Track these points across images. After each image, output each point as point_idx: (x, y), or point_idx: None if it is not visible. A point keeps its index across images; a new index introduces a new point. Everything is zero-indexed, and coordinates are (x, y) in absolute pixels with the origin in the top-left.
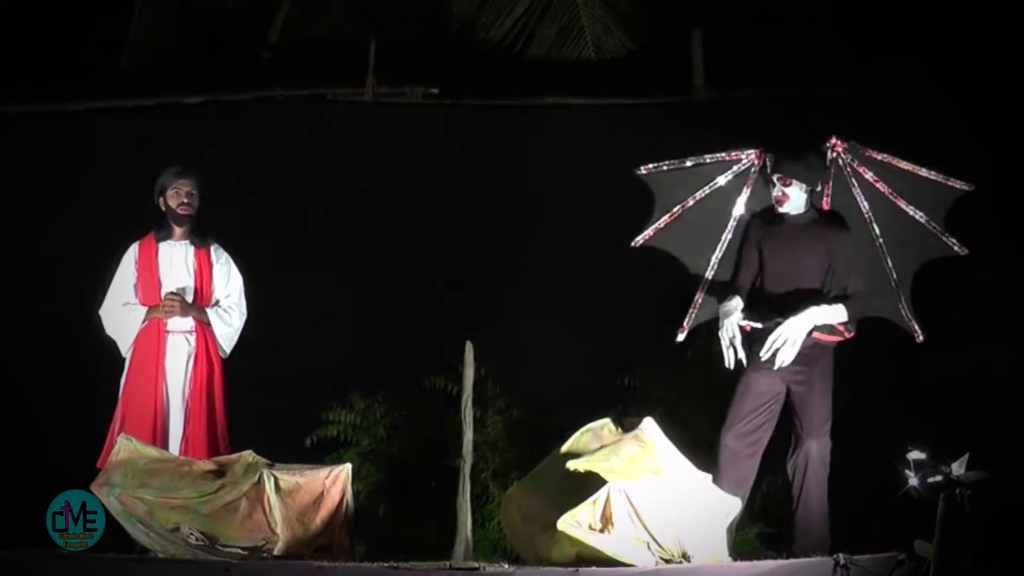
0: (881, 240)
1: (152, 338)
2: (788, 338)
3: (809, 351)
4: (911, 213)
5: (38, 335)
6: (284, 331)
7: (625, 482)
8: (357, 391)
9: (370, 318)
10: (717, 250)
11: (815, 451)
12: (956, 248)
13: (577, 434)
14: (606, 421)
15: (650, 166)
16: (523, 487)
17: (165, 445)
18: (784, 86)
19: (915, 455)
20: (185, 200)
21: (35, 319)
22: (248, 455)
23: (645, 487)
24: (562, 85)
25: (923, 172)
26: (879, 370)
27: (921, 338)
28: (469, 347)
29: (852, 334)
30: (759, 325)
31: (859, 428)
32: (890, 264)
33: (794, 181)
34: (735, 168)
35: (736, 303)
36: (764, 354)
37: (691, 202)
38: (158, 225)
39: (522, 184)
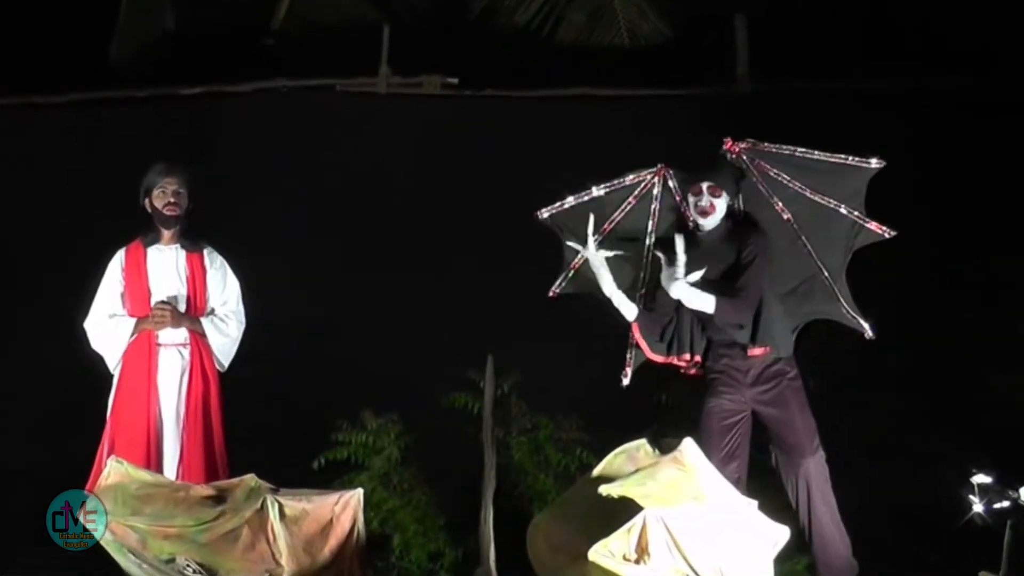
0: (803, 237)
1: (142, 352)
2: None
3: (769, 363)
4: (827, 204)
5: (17, 350)
6: (287, 342)
7: (663, 509)
8: (369, 409)
9: (383, 328)
10: (641, 285)
11: (813, 469)
12: (883, 232)
13: (610, 456)
14: (642, 442)
15: (551, 207)
16: (551, 514)
17: (159, 469)
18: (837, 78)
19: (980, 479)
20: (172, 200)
21: (14, 332)
22: (250, 479)
23: (684, 514)
24: (592, 74)
25: (828, 157)
26: (940, 387)
27: (871, 334)
28: (491, 361)
29: (765, 350)
30: (687, 358)
31: (918, 450)
32: (819, 262)
33: (724, 192)
34: (637, 191)
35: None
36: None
37: (598, 237)
38: (145, 228)
39: (549, 183)
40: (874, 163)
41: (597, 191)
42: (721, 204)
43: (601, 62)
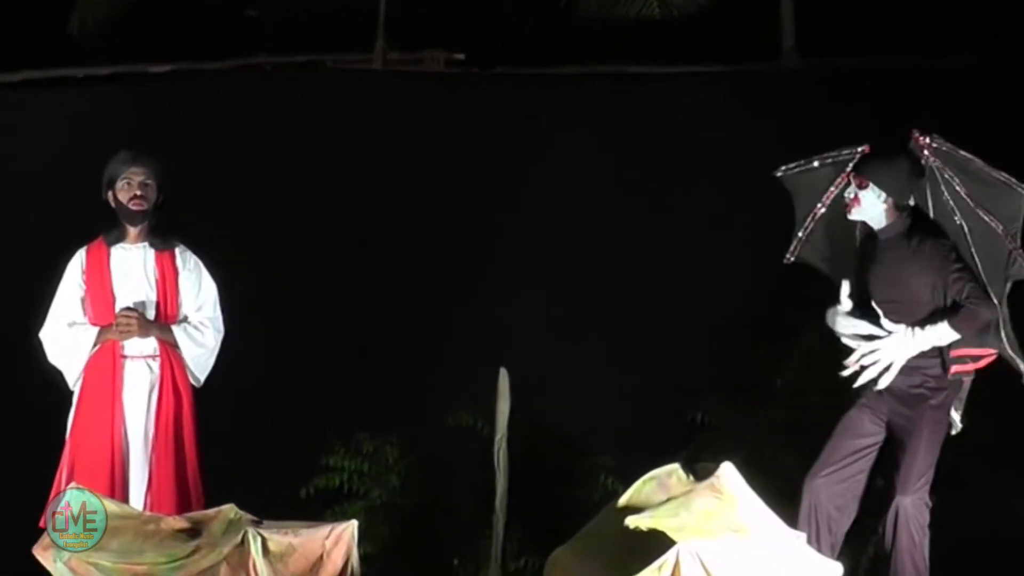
0: (977, 259)
1: (106, 365)
2: (883, 359)
3: (926, 388)
4: (991, 223)
5: None
6: (272, 353)
7: (698, 542)
8: (365, 430)
9: (380, 338)
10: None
11: (909, 511)
12: None
13: (639, 483)
14: (674, 467)
15: (787, 168)
16: (572, 549)
17: (125, 498)
18: (896, 53)
19: None
20: (138, 192)
21: None
22: (229, 510)
23: (723, 548)
24: (619, 50)
25: (993, 172)
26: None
27: None
28: (503, 374)
29: (993, 354)
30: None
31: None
32: (987, 283)
33: (871, 184)
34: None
35: (843, 305)
36: (848, 370)
37: (822, 208)
38: (108, 225)
39: (567, 172)
40: None
41: (817, 161)
42: (868, 197)
43: (628, 35)
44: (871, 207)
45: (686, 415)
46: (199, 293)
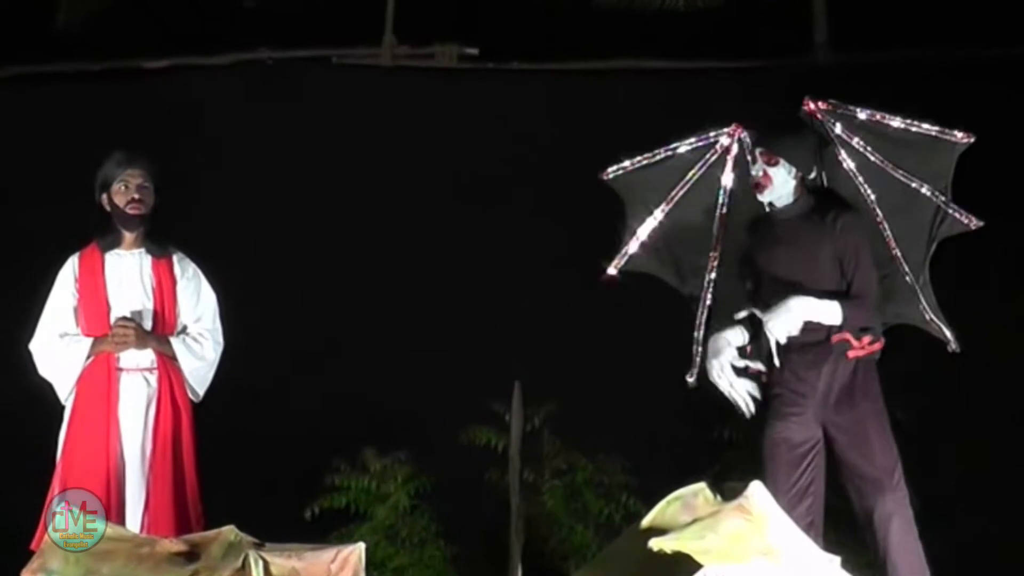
0: (885, 224)
1: (100, 378)
2: (774, 337)
3: (846, 377)
4: (910, 183)
5: None
6: (275, 366)
7: (725, 566)
8: (372, 447)
9: (390, 349)
10: (711, 262)
11: (893, 509)
12: (968, 222)
13: (663, 503)
14: (700, 487)
15: (617, 167)
16: (592, 572)
17: (120, 519)
18: (935, 46)
19: None
20: (136, 196)
21: None
22: (229, 532)
23: (752, 572)
24: (641, 44)
25: (912, 126)
26: None
27: (954, 346)
28: (518, 389)
29: (879, 343)
30: (760, 367)
31: None
32: (899, 254)
33: (781, 160)
34: (708, 155)
35: (728, 337)
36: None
37: (666, 206)
38: (102, 230)
39: (587, 173)
40: (960, 136)
41: (661, 153)
42: (779, 175)
43: (650, 29)
44: (782, 184)
45: (712, 431)
46: (198, 303)
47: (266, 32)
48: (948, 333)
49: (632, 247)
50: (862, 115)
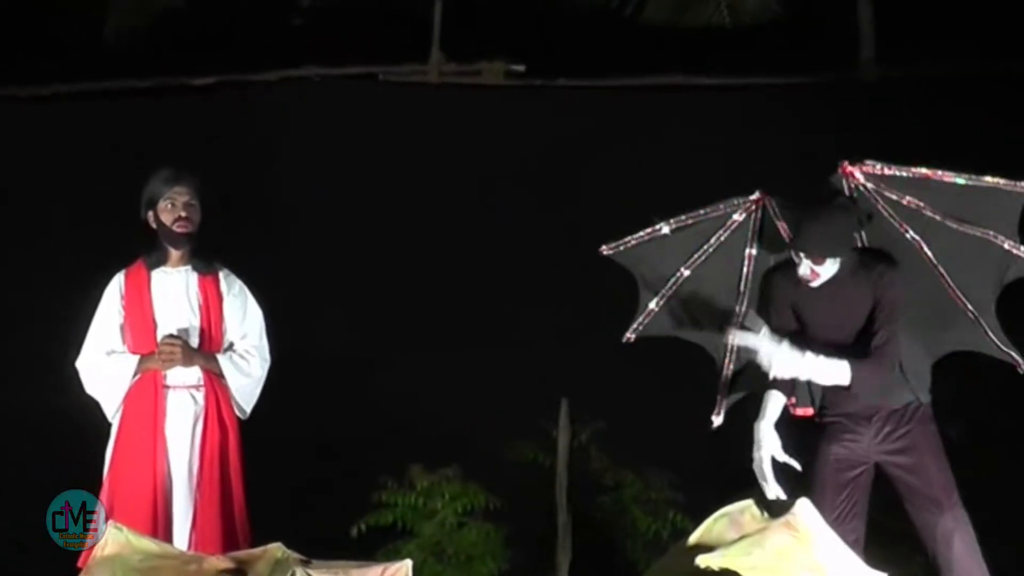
0: (940, 268)
1: (147, 396)
2: (772, 371)
3: (896, 409)
4: (970, 232)
5: None
6: (321, 383)
7: None
8: (419, 464)
9: (436, 367)
10: (736, 318)
11: (954, 528)
12: None
13: (710, 520)
14: (747, 504)
15: (613, 245)
16: None
17: (167, 536)
18: (982, 60)
19: None
20: (183, 214)
21: None
22: (276, 549)
23: None
24: (687, 60)
25: (971, 181)
26: None
27: None
28: (565, 406)
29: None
30: (811, 412)
31: None
32: (958, 291)
33: (827, 260)
34: (730, 224)
35: (769, 418)
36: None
37: (686, 272)
38: (148, 247)
39: (635, 188)
40: None
41: (668, 227)
42: (826, 268)
43: (697, 45)
44: (829, 271)
45: None
46: (244, 320)
47: (313, 49)
48: (1016, 355)
49: (647, 317)
50: (913, 174)
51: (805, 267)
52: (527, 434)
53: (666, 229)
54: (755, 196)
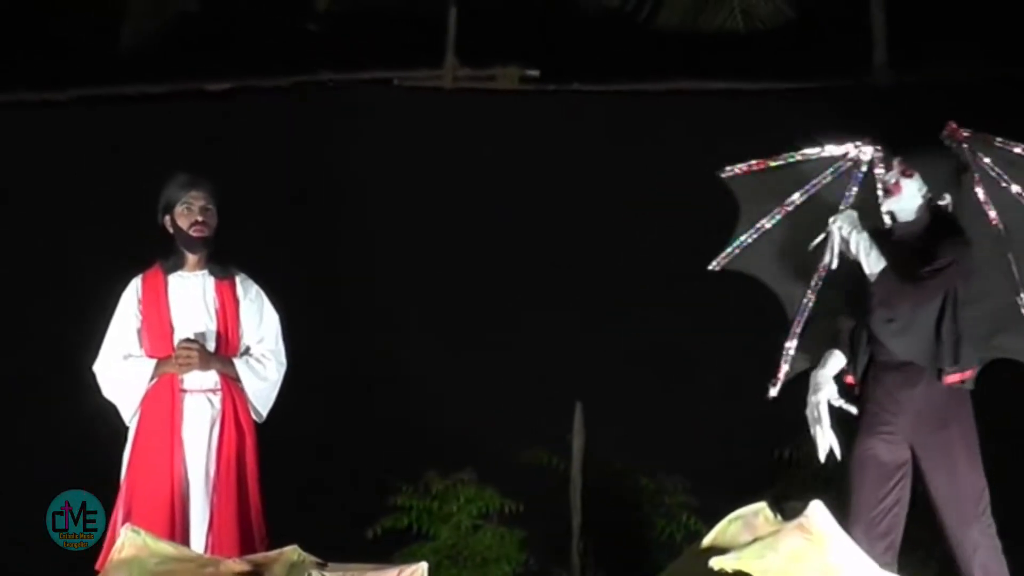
0: (1011, 254)
1: (164, 399)
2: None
3: (939, 399)
4: None
5: (11, 398)
6: (337, 386)
7: None
8: (434, 468)
9: (452, 371)
10: (819, 271)
11: (979, 540)
12: None
13: (723, 522)
14: (761, 506)
15: (736, 167)
16: None
17: (184, 540)
18: (1002, 65)
19: None
20: (199, 218)
21: (7, 376)
22: (292, 551)
23: None
24: (700, 64)
25: None
26: None
27: None
28: (579, 410)
29: (972, 370)
30: (854, 410)
31: None
32: (1021, 286)
33: (916, 175)
34: (839, 165)
35: (829, 369)
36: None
37: (782, 211)
38: (165, 252)
39: (648, 194)
40: None
41: (785, 159)
42: (910, 187)
43: (710, 50)
44: (910, 198)
45: (773, 451)
46: (261, 324)
47: (328, 55)
48: None
49: (740, 246)
50: (1013, 148)
51: (893, 175)
52: (542, 438)
53: (782, 160)
54: (862, 143)
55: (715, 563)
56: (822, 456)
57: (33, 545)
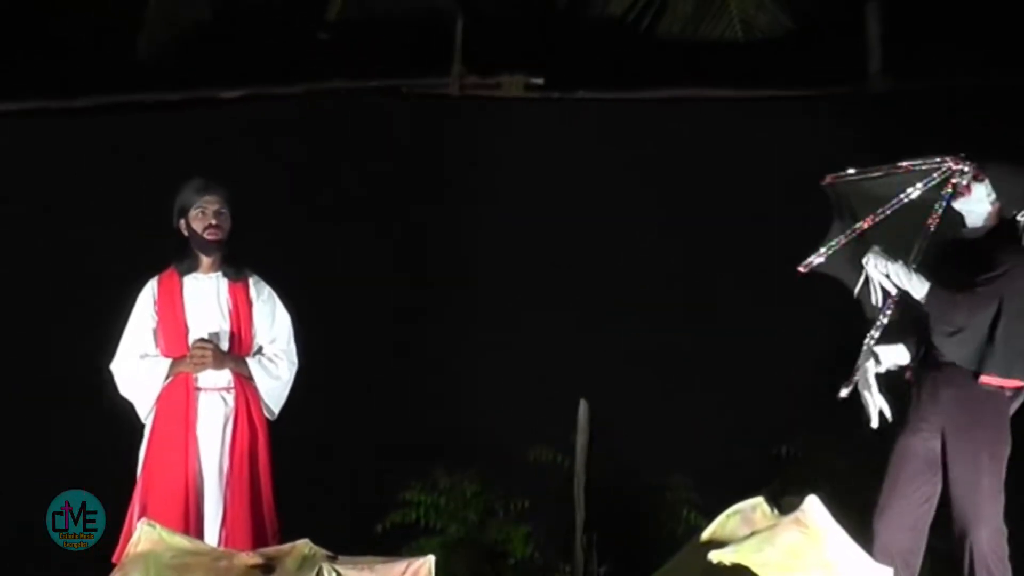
0: None
1: (179, 398)
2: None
3: (977, 402)
4: None
5: (32, 395)
6: (347, 386)
7: None
8: (441, 464)
9: (457, 370)
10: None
11: (984, 543)
12: None
13: (722, 517)
14: (759, 501)
15: (838, 175)
16: None
17: (198, 533)
18: (996, 72)
19: None
20: (213, 222)
21: (28, 375)
22: (303, 545)
23: None
24: (701, 73)
25: None
26: None
27: None
28: (584, 407)
29: (1017, 381)
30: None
31: None
32: None
33: (986, 180)
34: (931, 179)
35: (889, 351)
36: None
37: (872, 220)
38: (180, 255)
39: (652, 199)
40: None
41: (881, 171)
42: (979, 191)
43: (711, 58)
44: (978, 202)
45: (771, 448)
46: (273, 324)
47: (338, 63)
48: None
49: (831, 250)
50: None
51: (965, 178)
52: (546, 435)
53: (879, 172)
54: (955, 157)
55: (714, 556)
56: (873, 419)
57: (33, 545)
